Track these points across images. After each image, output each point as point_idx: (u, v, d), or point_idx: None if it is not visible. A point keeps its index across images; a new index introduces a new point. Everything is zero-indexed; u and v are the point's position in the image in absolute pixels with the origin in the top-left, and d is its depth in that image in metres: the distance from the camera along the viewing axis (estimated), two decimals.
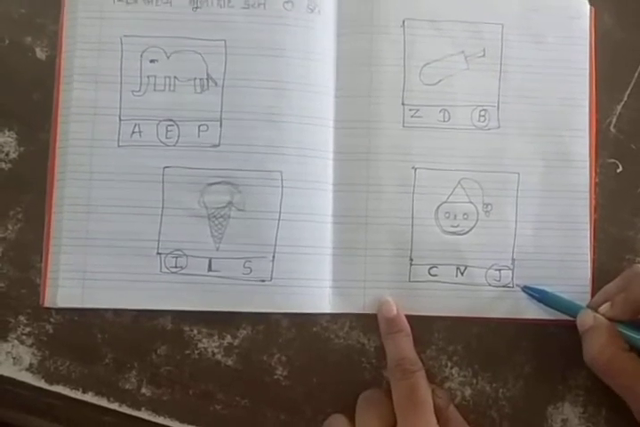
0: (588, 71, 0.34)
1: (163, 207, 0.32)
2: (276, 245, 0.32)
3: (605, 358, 0.29)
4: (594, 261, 0.33)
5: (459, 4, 0.34)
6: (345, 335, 0.32)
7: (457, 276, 0.33)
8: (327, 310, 0.32)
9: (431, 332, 0.33)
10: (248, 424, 0.32)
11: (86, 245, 0.32)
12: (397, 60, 0.33)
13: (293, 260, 0.32)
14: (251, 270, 0.32)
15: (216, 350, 0.32)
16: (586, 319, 0.30)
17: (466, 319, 0.33)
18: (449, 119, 0.33)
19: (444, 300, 0.33)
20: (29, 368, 0.32)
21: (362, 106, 0.33)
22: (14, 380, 0.32)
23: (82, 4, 0.33)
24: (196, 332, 0.32)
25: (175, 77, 0.32)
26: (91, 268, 0.31)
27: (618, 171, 0.35)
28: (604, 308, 0.30)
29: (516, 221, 0.33)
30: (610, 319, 0.30)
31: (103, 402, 0.32)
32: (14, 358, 0.32)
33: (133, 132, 0.32)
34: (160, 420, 0.32)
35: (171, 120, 0.32)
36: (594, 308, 0.31)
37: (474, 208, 0.33)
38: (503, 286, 0.33)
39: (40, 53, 0.33)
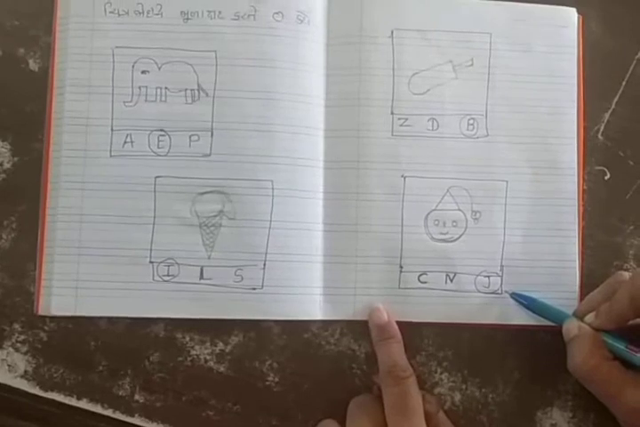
0: (575, 79, 0.35)
1: (155, 216, 0.32)
2: (266, 253, 0.32)
3: (589, 368, 0.29)
4: (582, 268, 0.34)
5: (447, 14, 0.34)
6: (336, 342, 0.33)
7: (446, 282, 0.33)
8: (318, 317, 0.33)
9: (421, 338, 0.33)
10: None
11: (79, 253, 0.32)
12: (386, 69, 0.34)
13: (284, 267, 0.32)
14: (242, 278, 0.32)
15: (208, 357, 0.32)
16: (571, 328, 0.31)
17: (455, 325, 0.33)
18: (437, 128, 0.34)
19: (434, 306, 0.33)
20: (24, 375, 0.32)
21: (351, 115, 0.33)
22: (9, 387, 0.32)
23: (74, 16, 0.33)
24: (188, 339, 0.32)
25: (166, 88, 0.33)
26: (84, 276, 0.32)
27: (606, 178, 0.35)
28: (589, 317, 0.31)
29: (504, 229, 0.34)
30: (595, 329, 0.30)
31: (97, 409, 0.32)
32: (9, 366, 0.32)
33: (125, 143, 0.33)
34: (153, 426, 0.32)
35: (162, 130, 0.33)
36: (579, 316, 0.31)
37: (463, 216, 0.34)
38: (492, 293, 0.33)
39: (33, 65, 0.34)
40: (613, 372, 0.29)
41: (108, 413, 0.32)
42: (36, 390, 0.32)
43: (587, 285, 0.33)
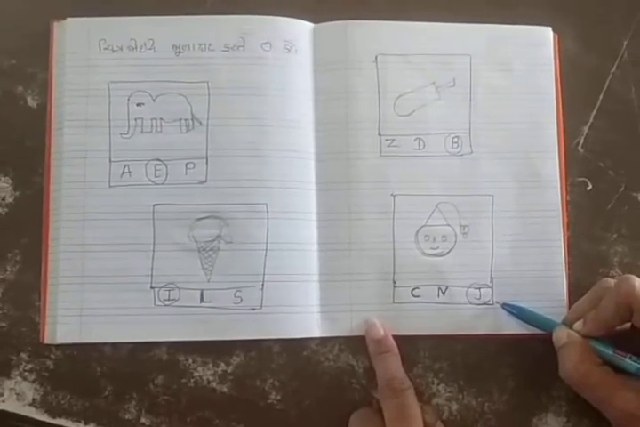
0: (554, 95, 0.36)
1: (154, 243, 0.33)
2: (264, 275, 0.33)
3: (580, 374, 0.30)
4: (569, 276, 0.35)
5: (428, 38, 0.36)
6: (334, 358, 0.34)
7: (439, 296, 0.34)
8: (316, 335, 0.33)
9: (417, 351, 0.34)
10: None
11: (82, 282, 0.33)
12: (372, 93, 0.35)
13: (282, 288, 0.33)
14: (241, 300, 0.33)
15: (211, 378, 0.33)
16: (560, 336, 0.32)
17: (449, 337, 0.34)
18: (424, 147, 0.35)
19: (428, 319, 0.34)
20: (32, 403, 0.33)
21: (340, 138, 0.35)
22: (19, 415, 0.33)
23: (69, 53, 0.34)
24: (191, 361, 0.33)
25: (161, 119, 0.34)
26: (87, 304, 0.33)
27: (588, 189, 0.36)
28: (577, 325, 0.32)
29: (492, 241, 0.35)
30: (584, 336, 0.31)
31: None
32: (18, 394, 0.33)
33: (123, 173, 0.34)
34: None
35: (158, 160, 0.34)
36: (568, 324, 0.32)
37: (452, 230, 0.35)
38: (483, 304, 0.34)
39: (31, 102, 0.35)
40: (603, 377, 0.30)
41: None
42: (45, 417, 0.33)
43: (574, 292, 0.34)
